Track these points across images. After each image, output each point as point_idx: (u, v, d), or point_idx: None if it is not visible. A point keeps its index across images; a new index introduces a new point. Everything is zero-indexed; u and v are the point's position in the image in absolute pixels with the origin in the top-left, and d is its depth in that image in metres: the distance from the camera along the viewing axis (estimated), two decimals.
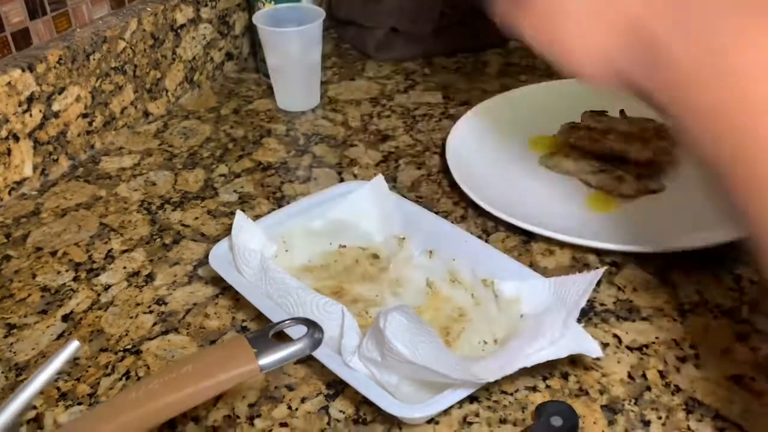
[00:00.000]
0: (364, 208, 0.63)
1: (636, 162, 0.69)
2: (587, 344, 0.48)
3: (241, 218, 0.58)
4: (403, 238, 0.61)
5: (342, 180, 0.73)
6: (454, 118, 0.82)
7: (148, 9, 0.80)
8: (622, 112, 0.75)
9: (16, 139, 0.70)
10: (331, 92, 0.89)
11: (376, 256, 0.61)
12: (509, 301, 0.54)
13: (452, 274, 0.57)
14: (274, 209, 0.69)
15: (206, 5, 0.87)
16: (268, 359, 0.38)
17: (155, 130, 0.82)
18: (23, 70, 0.69)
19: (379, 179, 0.64)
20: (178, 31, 0.84)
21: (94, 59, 0.75)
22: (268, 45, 0.82)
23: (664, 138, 0.69)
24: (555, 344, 0.48)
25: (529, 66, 0.94)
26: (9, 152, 0.70)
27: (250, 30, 0.95)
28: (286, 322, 0.41)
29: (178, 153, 0.78)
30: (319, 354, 0.48)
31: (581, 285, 0.51)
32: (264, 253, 0.56)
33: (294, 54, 0.81)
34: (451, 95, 0.88)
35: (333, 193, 0.64)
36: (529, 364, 0.47)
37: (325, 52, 0.86)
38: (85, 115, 0.76)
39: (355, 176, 0.74)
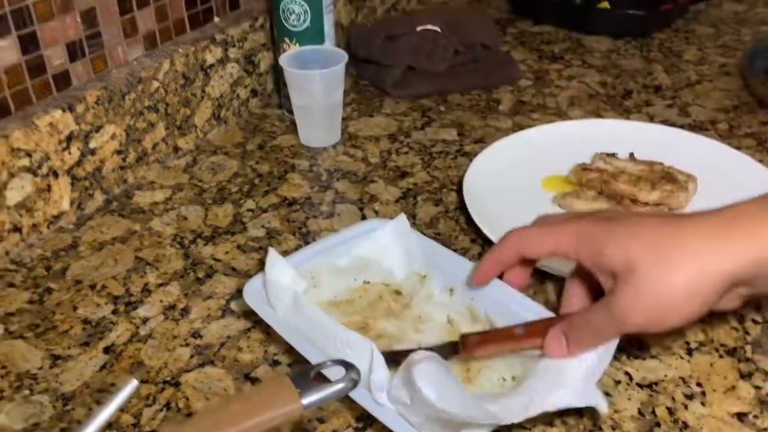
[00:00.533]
0: (386, 245, 0.66)
1: (645, 204, 0.72)
2: (600, 402, 0.50)
3: (273, 255, 0.61)
4: (425, 276, 0.64)
5: (364, 216, 0.77)
6: (470, 156, 0.86)
7: (180, 50, 0.85)
8: (631, 154, 0.79)
9: (56, 175, 0.74)
10: (351, 128, 0.93)
11: (398, 293, 0.64)
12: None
13: (471, 311, 0.61)
14: (300, 245, 0.72)
15: (234, 45, 0.91)
16: (311, 399, 0.42)
17: (185, 164, 0.86)
18: (64, 111, 0.73)
19: (402, 218, 0.67)
20: (208, 70, 0.88)
21: (129, 99, 0.79)
22: (293, 85, 0.86)
23: (672, 181, 0.73)
24: (577, 397, 0.50)
25: (540, 104, 0.98)
26: (49, 188, 0.74)
27: (274, 68, 0.99)
28: (327, 363, 0.44)
29: (208, 188, 0.82)
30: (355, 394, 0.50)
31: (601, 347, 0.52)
32: (295, 289, 0.59)
33: (317, 94, 0.85)
34: (465, 132, 0.91)
35: (357, 231, 0.67)
36: (550, 409, 0.49)
37: (344, 89, 0.90)
38: (119, 152, 0.80)
39: (376, 212, 0.77)
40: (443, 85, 1.00)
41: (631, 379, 0.57)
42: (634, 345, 0.60)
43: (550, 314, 0.57)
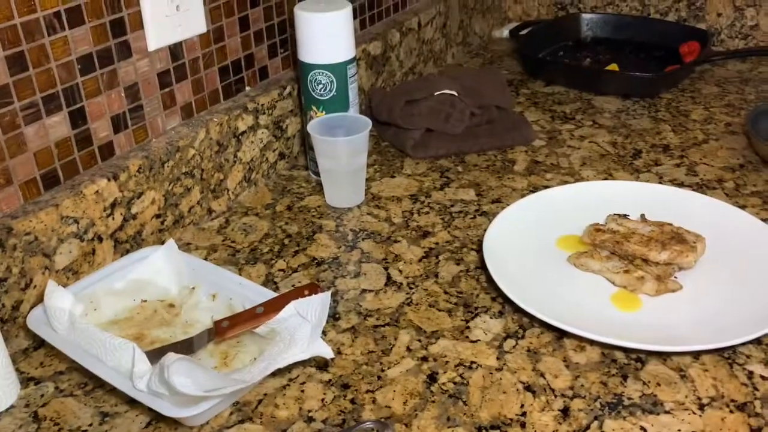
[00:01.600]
0: (159, 267, 0.77)
1: (656, 263, 0.76)
2: (324, 350, 0.66)
3: (51, 285, 0.70)
4: (193, 288, 0.76)
5: (389, 275, 0.81)
6: (488, 215, 0.90)
7: (215, 119, 0.90)
8: (642, 215, 0.83)
9: (100, 240, 0.79)
10: (374, 189, 0.98)
11: (172, 305, 0.75)
12: (270, 324, 0.68)
13: (231, 309, 0.73)
14: (330, 303, 0.77)
15: (264, 113, 0.97)
16: None
17: (218, 226, 0.91)
18: (108, 180, 0.78)
19: (170, 243, 0.78)
20: (240, 137, 0.94)
21: (168, 166, 0.85)
22: (320, 151, 0.91)
23: (681, 241, 0.77)
24: (304, 351, 0.64)
25: (554, 164, 1.02)
26: (94, 252, 0.79)
27: (301, 132, 1.04)
28: (366, 424, 0.48)
29: (240, 248, 0.87)
30: (115, 381, 0.63)
31: (317, 304, 0.68)
32: (72, 311, 0.69)
33: (343, 159, 0.90)
34: (483, 192, 0.96)
35: (132, 258, 0.78)
36: (283, 364, 0.63)
37: (367, 152, 0.95)
38: (158, 216, 0.85)
39: (400, 271, 0.82)
40: (460, 146, 1.05)
41: None
42: (648, 401, 0.64)
43: (276, 295, 0.72)
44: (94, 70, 0.78)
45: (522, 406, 0.64)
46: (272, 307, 0.69)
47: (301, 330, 0.67)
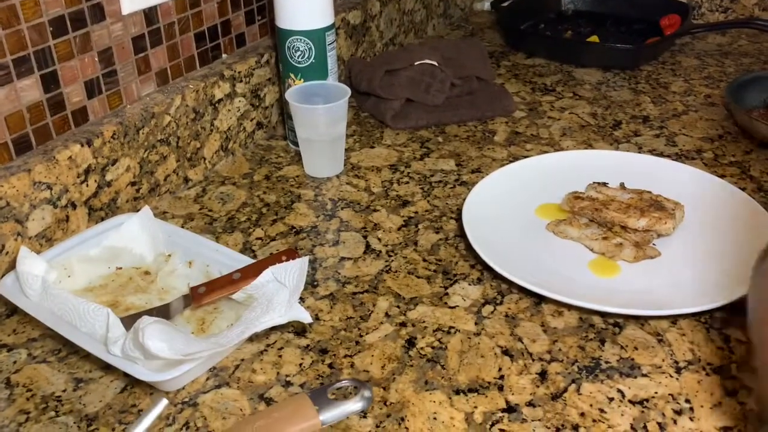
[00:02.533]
0: (135, 234, 0.76)
1: (634, 230, 0.76)
2: (302, 314, 0.64)
3: (24, 251, 0.69)
4: (169, 255, 0.75)
5: (368, 243, 0.80)
6: (467, 185, 0.90)
7: (191, 86, 0.89)
8: (621, 184, 0.83)
9: (74, 206, 0.78)
10: (353, 159, 0.97)
11: (147, 273, 0.75)
12: (247, 290, 0.68)
13: (208, 275, 0.73)
14: (308, 270, 0.76)
15: (241, 81, 0.96)
16: (328, 415, 0.45)
17: (195, 195, 0.90)
18: (82, 145, 0.77)
19: (146, 209, 0.77)
20: (216, 105, 0.92)
21: (143, 133, 0.83)
22: (299, 119, 0.90)
23: (660, 209, 0.77)
24: (282, 316, 0.64)
25: (534, 135, 1.02)
26: (67, 219, 0.77)
27: (279, 102, 1.03)
28: (343, 382, 0.48)
29: (217, 217, 0.86)
30: (89, 346, 0.62)
31: (295, 270, 0.67)
32: (46, 278, 0.68)
33: (321, 127, 0.89)
34: (463, 162, 0.96)
35: (107, 225, 0.77)
36: (260, 328, 0.63)
37: (346, 121, 0.94)
38: (133, 183, 0.84)
39: (379, 240, 0.81)
40: (441, 117, 1.05)
41: (623, 396, 0.61)
42: (625, 364, 0.64)
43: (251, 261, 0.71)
44: (67, 33, 0.76)
45: (500, 369, 0.64)
46: (249, 273, 0.69)
47: (279, 295, 0.66)
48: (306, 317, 0.65)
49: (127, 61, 0.83)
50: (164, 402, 0.46)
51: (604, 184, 0.83)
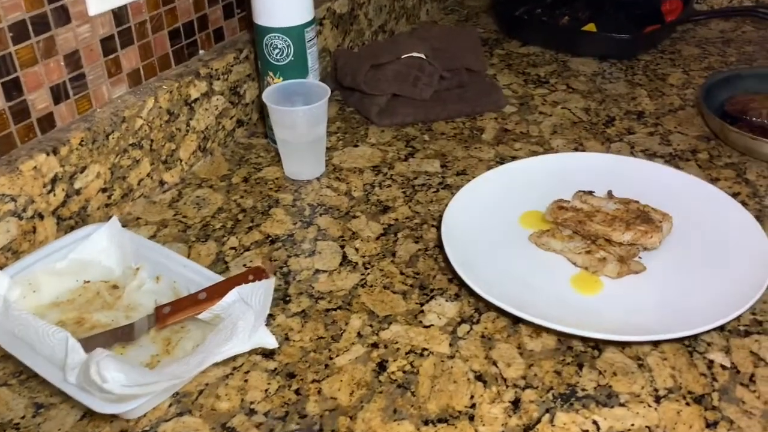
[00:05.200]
0: (103, 246, 0.74)
1: (619, 244, 0.73)
2: (267, 340, 0.63)
3: None
4: (138, 268, 0.73)
5: (345, 254, 0.78)
6: (452, 188, 0.87)
7: (164, 87, 0.86)
8: (609, 192, 0.80)
9: (41, 217, 0.75)
10: (335, 159, 0.94)
11: (115, 287, 0.72)
12: (213, 311, 0.65)
13: (175, 292, 0.70)
14: (280, 284, 0.74)
15: (218, 78, 0.92)
16: None
17: (170, 199, 0.87)
18: (48, 154, 0.74)
19: (114, 220, 0.75)
20: (192, 105, 0.89)
21: (113, 138, 0.80)
22: (277, 121, 0.87)
23: (646, 221, 0.74)
24: (245, 342, 0.62)
25: (523, 133, 0.99)
26: (34, 230, 0.75)
27: (260, 99, 1.00)
28: None
29: (192, 224, 0.83)
30: (46, 373, 0.60)
31: (260, 291, 0.64)
32: (7, 296, 0.66)
33: (301, 129, 0.86)
34: (448, 164, 0.92)
35: (74, 237, 0.74)
36: (221, 358, 0.61)
37: (330, 116, 0.90)
38: (104, 190, 0.81)
39: (357, 250, 0.79)
40: (428, 113, 1.01)
41: (598, 428, 0.58)
42: (602, 392, 0.61)
43: (221, 278, 0.68)
44: (29, 38, 0.73)
45: (472, 397, 0.62)
46: (215, 293, 0.66)
47: (245, 318, 0.64)
48: (271, 342, 0.63)
49: (95, 64, 0.80)
50: None
51: (590, 193, 0.79)
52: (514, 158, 0.92)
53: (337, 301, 0.72)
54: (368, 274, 0.75)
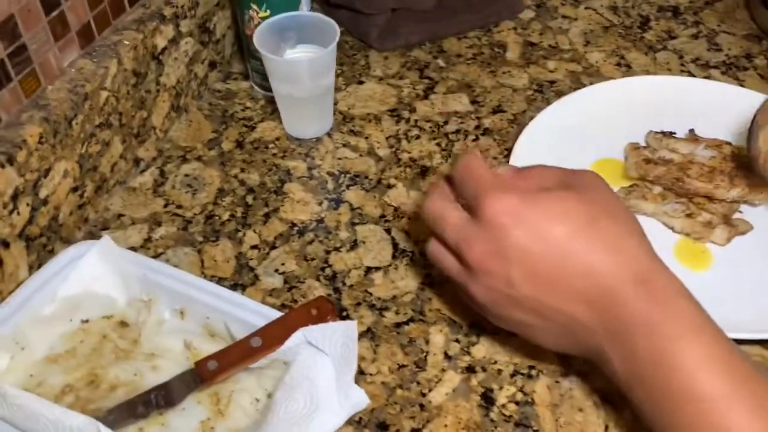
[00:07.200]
0: (97, 272, 0.57)
1: (721, 201, 0.63)
2: (361, 398, 0.51)
3: None
4: (149, 300, 0.57)
5: (395, 244, 0.64)
6: (493, 134, 0.73)
7: (126, 42, 0.66)
8: (691, 132, 0.68)
9: (6, 245, 0.58)
10: (342, 104, 0.77)
11: (124, 324, 0.57)
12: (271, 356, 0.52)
13: (209, 329, 0.56)
14: (329, 293, 0.60)
15: (185, 17, 0.72)
16: None
17: (152, 182, 0.70)
18: (2, 166, 0.55)
19: (106, 239, 0.58)
20: (160, 57, 0.70)
21: (76, 123, 0.62)
22: (274, 74, 0.69)
23: (750, 169, 0.63)
24: (337, 410, 0.50)
25: (552, 46, 0.84)
26: (1, 263, 0.57)
27: (233, 30, 0.81)
28: None
29: (192, 217, 0.67)
30: None
31: (337, 334, 0.51)
32: None
33: (305, 83, 0.69)
34: (478, 98, 0.78)
35: (57, 266, 0.57)
36: None
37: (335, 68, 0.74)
38: (75, 189, 0.63)
39: (408, 235, 0.65)
40: (436, 29, 0.85)
41: None
42: None
43: (278, 314, 0.53)
44: None
45: (606, 428, 0.52)
46: (273, 338, 0.52)
47: (323, 369, 0.51)
48: (363, 400, 0.51)
49: (37, 28, 0.59)
50: None
51: (671, 135, 0.67)
52: (552, 83, 0.78)
53: (406, 311, 0.59)
54: (430, 266, 0.62)
